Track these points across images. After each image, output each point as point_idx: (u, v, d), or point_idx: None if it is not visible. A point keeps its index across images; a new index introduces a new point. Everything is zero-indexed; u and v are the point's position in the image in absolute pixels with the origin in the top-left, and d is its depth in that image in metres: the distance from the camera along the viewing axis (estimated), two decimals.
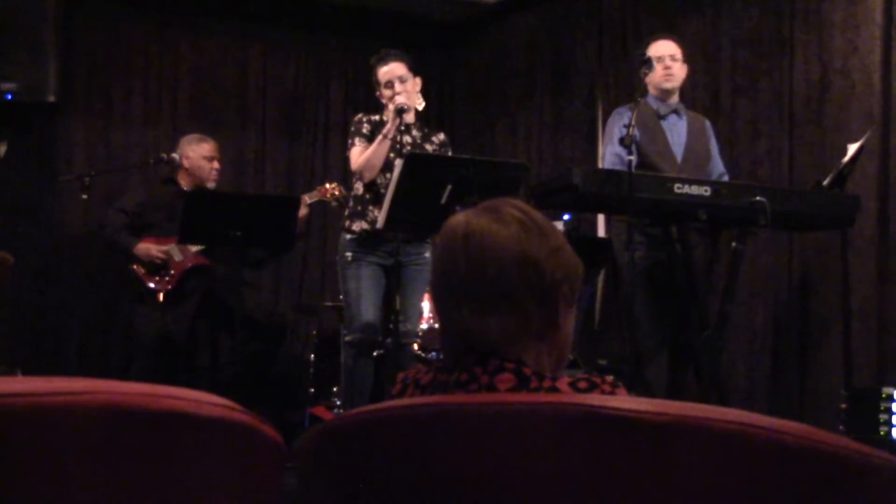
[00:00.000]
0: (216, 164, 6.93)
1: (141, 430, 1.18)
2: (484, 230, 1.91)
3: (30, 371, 6.38)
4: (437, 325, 6.62)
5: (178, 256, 6.57)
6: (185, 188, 6.82)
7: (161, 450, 1.21)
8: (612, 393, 1.83)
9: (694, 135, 5.97)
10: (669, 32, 6.33)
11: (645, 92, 5.83)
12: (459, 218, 1.97)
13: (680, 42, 6.05)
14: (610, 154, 5.81)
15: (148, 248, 6.57)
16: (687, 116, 6.03)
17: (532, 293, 1.90)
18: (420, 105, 5.80)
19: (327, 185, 6.80)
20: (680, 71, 5.95)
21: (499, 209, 1.95)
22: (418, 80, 5.79)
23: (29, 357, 7.44)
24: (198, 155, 6.89)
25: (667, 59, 5.84)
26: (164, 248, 6.57)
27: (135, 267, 6.59)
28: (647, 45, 6.01)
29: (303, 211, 6.47)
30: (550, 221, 2.00)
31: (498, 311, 1.88)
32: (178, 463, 1.24)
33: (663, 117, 5.90)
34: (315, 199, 6.70)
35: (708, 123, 6.16)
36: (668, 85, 5.87)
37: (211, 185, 6.87)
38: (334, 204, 6.89)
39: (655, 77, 5.86)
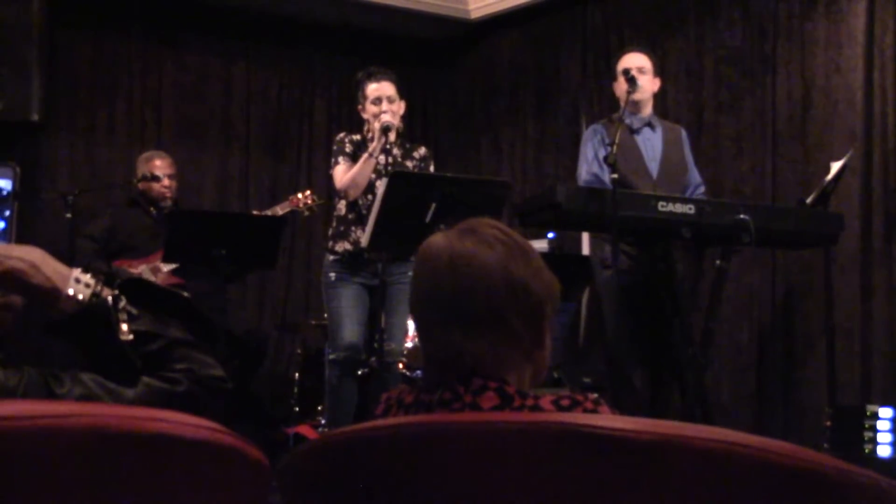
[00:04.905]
0: (166, 182, 6.80)
1: (126, 453, 1.18)
2: (469, 253, 1.91)
3: None
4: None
5: (150, 279, 6.52)
6: (149, 208, 6.78)
7: (146, 472, 1.21)
8: (594, 410, 1.84)
9: (670, 146, 5.94)
10: (642, 46, 6.32)
11: (622, 108, 5.80)
12: (439, 240, 1.97)
13: (651, 55, 6.03)
14: (586, 173, 5.81)
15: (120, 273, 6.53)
16: (661, 128, 6.01)
17: (520, 313, 1.91)
18: (400, 129, 5.81)
19: (299, 195, 6.76)
20: (648, 83, 5.92)
21: (479, 231, 1.96)
22: (402, 104, 5.79)
23: None
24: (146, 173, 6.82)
25: (633, 71, 5.80)
26: (136, 271, 6.52)
27: None
28: (618, 59, 6.02)
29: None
30: (528, 241, 2.02)
31: (489, 333, 1.89)
32: (164, 485, 1.24)
33: (636, 131, 5.88)
34: (287, 209, 6.66)
35: (683, 132, 6.13)
36: (635, 97, 5.77)
37: (167, 203, 6.78)
38: (307, 213, 6.87)
39: (621, 89, 5.84)
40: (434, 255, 1.95)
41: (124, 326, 1.87)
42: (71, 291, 1.88)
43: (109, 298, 1.88)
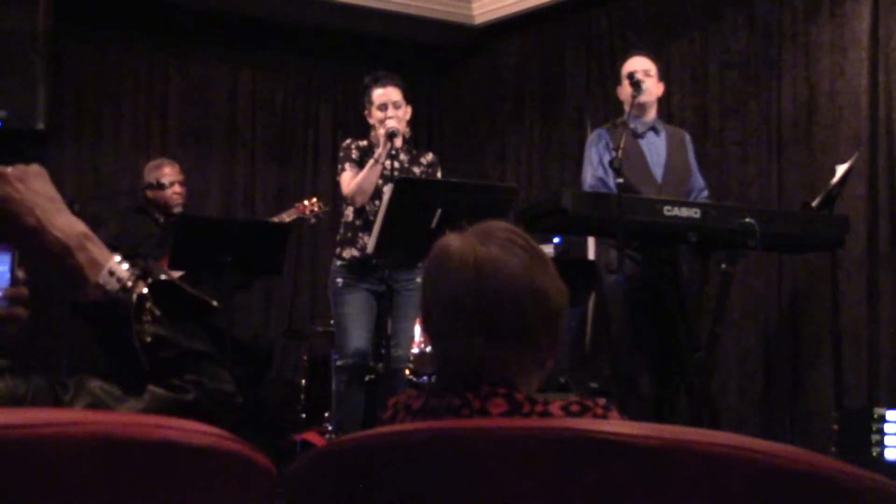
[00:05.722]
0: (177, 188, 6.80)
1: (132, 461, 1.18)
2: (494, 259, 1.89)
3: None
4: (428, 349, 6.62)
5: None
6: (155, 215, 6.77)
7: (153, 480, 1.21)
8: (603, 416, 1.83)
9: (674, 150, 5.94)
10: (646, 50, 6.32)
11: (626, 112, 5.79)
12: (458, 244, 1.93)
13: (655, 59, 6.03)
14: (591, 178, 5.80)
15: None
16: (666, 132, 6.01)
17: (542, 322, 1.90)
18: (406, 134, 5.80)
19: (305, 202, 6.74)
20: (653, 87, 5.92)
21: (497, 235, 1.93)
22: (409, 109, 5.78)
23: None
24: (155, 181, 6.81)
25: (638, 74, 5.79)
26: None
27: None
28: (622, 63, 6.02)
29: None
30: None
31: (513, 340, 1.88)
32: (171, 493, 1.23)
33: (641, 135, 5.88)
34: (293, 216, 6.65)
35: (687, 137, 6.14)
36: (640, 100, 5.75)
37: (176, 209, 6.76)
38: (313, 221, 6.86)
39: (625, 93, 5.85)
40: (456, 259, 1.92)
41: (142, 328, 1.84)
42: (101, 280, 1.86)
43: (135, 296, 1.85)
